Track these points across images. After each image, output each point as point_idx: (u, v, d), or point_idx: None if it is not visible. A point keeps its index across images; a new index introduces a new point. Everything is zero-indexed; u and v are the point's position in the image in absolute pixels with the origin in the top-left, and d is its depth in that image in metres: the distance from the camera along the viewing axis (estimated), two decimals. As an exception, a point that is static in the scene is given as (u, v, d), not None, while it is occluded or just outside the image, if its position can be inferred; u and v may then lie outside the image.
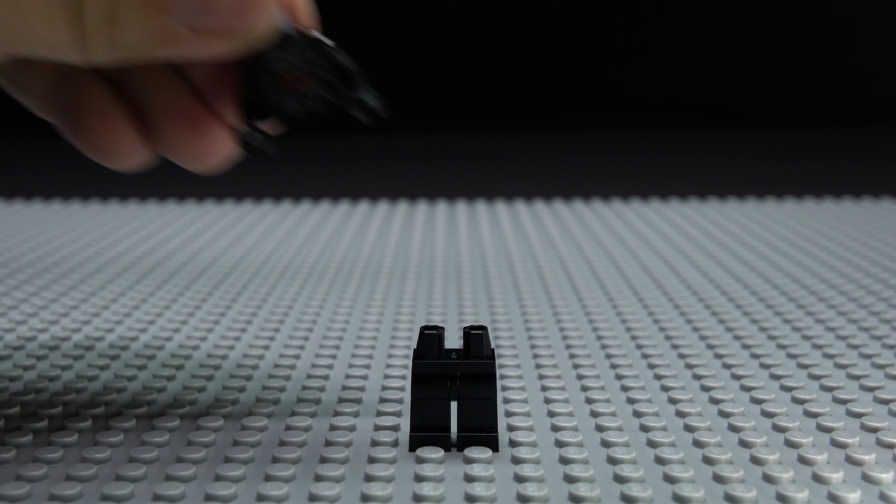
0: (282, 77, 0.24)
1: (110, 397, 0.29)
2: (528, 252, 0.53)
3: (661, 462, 0.25)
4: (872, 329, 0.38)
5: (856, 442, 0.26)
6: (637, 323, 0.38)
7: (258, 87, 0.24)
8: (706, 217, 0.63)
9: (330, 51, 0.24)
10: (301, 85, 0.24)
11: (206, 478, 0.24)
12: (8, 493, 0.23)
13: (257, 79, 0.24)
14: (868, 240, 0.56)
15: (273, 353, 0.34)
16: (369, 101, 0.25)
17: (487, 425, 0.26)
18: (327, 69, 0.24)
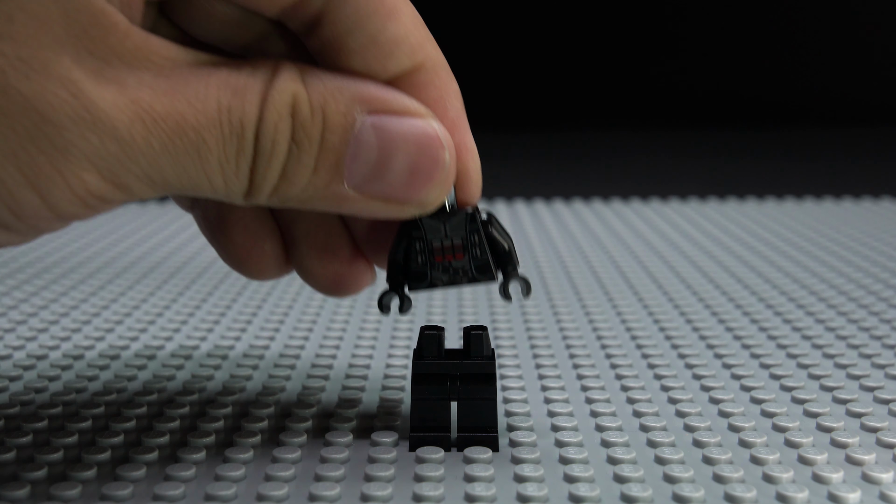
0: (434, 247, 0.24)
1: (110, 397, 0.29)
2: (529, 252, 0.52)
3: (661, 462, 0.25)
4: (872, 329, 0.38)
5: (856, 442, 0.26)
6: (637, 323, 0.38)
7: (408, 251, 0.25)
8: (706, 217, 0.63)
9: (489, 229, 0.25)
10: (451, 257, 0.24)
11: (206, 478, 0.24)
12: (8, 493, 0.23)
13: (409, 243, 0.24)
14: (868, 240, 0.56)
15: (273, 353, 0.34)
16: (515, 286, 0.25)
17: (487, 425, 0.26)
18: (481, 246, 0.24)
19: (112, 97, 0.19)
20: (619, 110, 1.22)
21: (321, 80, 0.22)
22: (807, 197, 0.71)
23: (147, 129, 0.19)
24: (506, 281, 0.25)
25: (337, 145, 0.22)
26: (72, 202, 0.19)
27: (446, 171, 0.23)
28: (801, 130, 1.15)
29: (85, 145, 0.19)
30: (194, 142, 0.20)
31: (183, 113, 0.20)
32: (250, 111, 0.21)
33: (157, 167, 0.20)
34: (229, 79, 0.21)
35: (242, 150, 0.21)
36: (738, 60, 1.24)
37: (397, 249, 0.25)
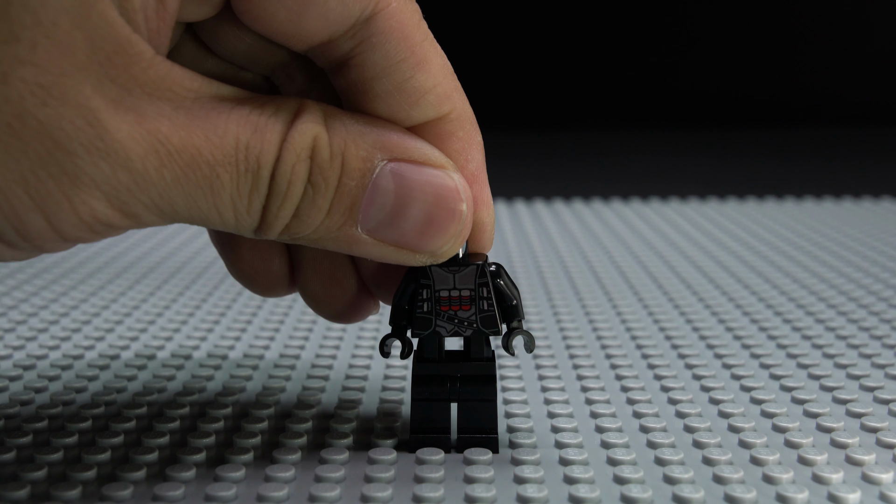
0: (441, 296, 0.24)
1: (110, 398, 0.29)
2: (528, 252, 0.52)
3: (661, 463, 0.25)
4: (872, 329, 0.38)
5: (856, 442, 0.26)
6: (637, 323, 0.38)
7: (414, 297, 0.25)
8: (706, 217, 0.63)
9: (497, 281, 0.25)
10: (458, 308, 0.25)
11: (205, 479, 0.24)
12: (7, 494, 0.23)
13: (416, 290, 0.25)
14: (868, 240, 0.56)
15: (273, 354, 0.34)
16: (519, 341, 0.25)
17: (487, 427, 0.26)
18: (489, 299, 0.25)
19: (128, 127, 0.19)
20: (620, 110, 1.22)
21: (343, 123, 0.22)
22: (807, 197, 0.71)
23: (161, 161, 0.20)
24: (510, 335, 0.25)
25: (353, 190, 0.22)
26: (77, 227, 0.20)
27: (462, 224, 0.23)
28: (801, 130, 1.15)
29: (96, 173, 0.19)
30: (208, 176, 0.20)
31: (199, 147, 0.20)
32: (269, 150, 0.21)
33: (167, 198, 0.20)
34: (251, 116, 0.21)
35: (257, 187, 0.21)
36: (739, 61, 1.24)
37: (403, 294, 0.25)
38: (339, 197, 0.22)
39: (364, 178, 0.22)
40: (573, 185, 0.79)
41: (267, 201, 0.21)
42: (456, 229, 0.23)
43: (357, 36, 0.22)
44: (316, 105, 0.22)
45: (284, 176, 0.21)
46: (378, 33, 0.22)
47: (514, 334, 0.25)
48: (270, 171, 0.21)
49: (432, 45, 0.23)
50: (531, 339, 0.25)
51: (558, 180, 0.86)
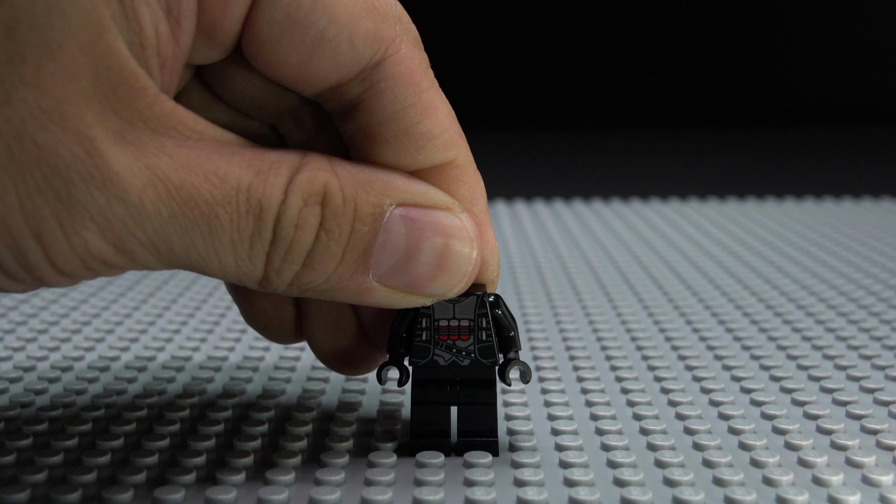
0: (440, 326, 0.25)
1: (110, 400, 0.29)
2: (528, 252, 0.52)
3: (660, 465, 0.25)
4: (872, 330, 0.38)
5: (856, 444, 0.26)
6: (637, 324, 0.38)
7: (413, 326, 0.25)
8: (706, 217, 0.63)
9: (496, 312, 0.25)
10: (456, 337, 0.25)
11: (205, 482, 0.24)
12: (8, 496, 0.23)
13: (415, 318, 0.25)
14: (868, 240, 0.56)
15: (272, 357, 0.34)
16: (515, 372, 0.26)
17: (487, 430, 0.26)
18: (487, 330, 0.25)
19: (128, 160, 0.19)
20: (619, 110, 1.22)
21: (350, 170, 0.22)
22: (807, 197, 0.71)
23: (158, 197, 0.19)
24: (507, 365, 0.25)
25: (366, 235, 0.22)
26: (71, 260, 0.19)
27: (472, 265, 0.23)
28: (801, 130, 1.15)
29: (90, 203, 0.19)
30: (206, 215, 0.20)
31: (198, 185, 0.20)
32: (273, 194, 0.21)
33: (163, 236, 0.20)
34: (254, 160, 0.21)
35: (259, 232, 0.21)
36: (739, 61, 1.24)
37: (401, 322, 0.25)
38: (352, 243, 0.22)
39: (376, 223, 0.22)
40: (573, 185, 0.79)
41: (271, 248, 0.21)
42: (466, 269, 0.23)
43: (366, 80, 0.22)
44: (320, 154, 0.22)
45: (291, 220, 0.21)
46: (387, 78, 0.22)
47: (511, 365, 0.25)
48: (275, 215, 0.21)
49: (437, 92, 0.23)
50: (528, 370, 0.26)
51: (558, 180, 0.86)
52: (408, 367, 0.26)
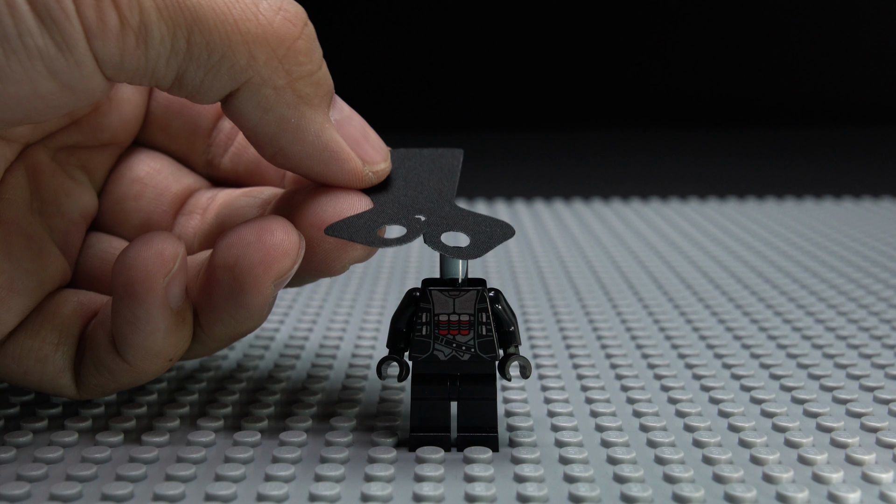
0: (440, 321, 0.25)
1: (110, 397, 0.29)
2: (529, 252, 0.52)
3: (661, 462, 0.25)
4: (872, 329, 0.38)
5: (856, 442, 0.26)
6: (637, 323, 0.38)
7: (413, 320, 0.25)
8: (706, 217, 0.63)
9: (496, 307, 0.25)
10: (457, 332, 0.25)
11: (206, 477, 0.24)
12: (8, 492, 0.23)
13: (415, 313, 0.25)
14: (868, 240, 0.56)
15: (273, 353, 0.34)
16: (515, 366, 0.26)
17: (487, 425, 0.26)
18: (487, 324, 0.25)
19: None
20: (619, 110, 1.22)
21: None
22: (807, 197, 0.71)
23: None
24: (507, 360, 0.26)
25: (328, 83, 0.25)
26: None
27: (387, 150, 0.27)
28: (801, 130, 1.15)
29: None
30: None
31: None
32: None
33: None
34: None
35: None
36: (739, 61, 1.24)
37: (401, 317, 0.25)
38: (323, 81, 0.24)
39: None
40: (573, 185, 0.79)
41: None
42: (383, 146, 0.26)
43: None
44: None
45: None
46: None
47: (512, 360, 0.26)
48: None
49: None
50: (528, 365, 0.26)
51: (558, 180, 0.86)
52: (408, 362, 0.26)
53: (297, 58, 0.23)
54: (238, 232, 0.25)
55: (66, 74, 0.21)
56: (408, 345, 0.25)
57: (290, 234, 0.24)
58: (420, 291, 0.25)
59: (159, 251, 0.24)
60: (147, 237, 0.24)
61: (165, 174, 0.30)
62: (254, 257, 0.24)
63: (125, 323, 0.24)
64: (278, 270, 0.24)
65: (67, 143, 0.28)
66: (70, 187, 0.28)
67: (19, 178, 0.26)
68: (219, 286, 0.25)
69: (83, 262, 0.29)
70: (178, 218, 0.30)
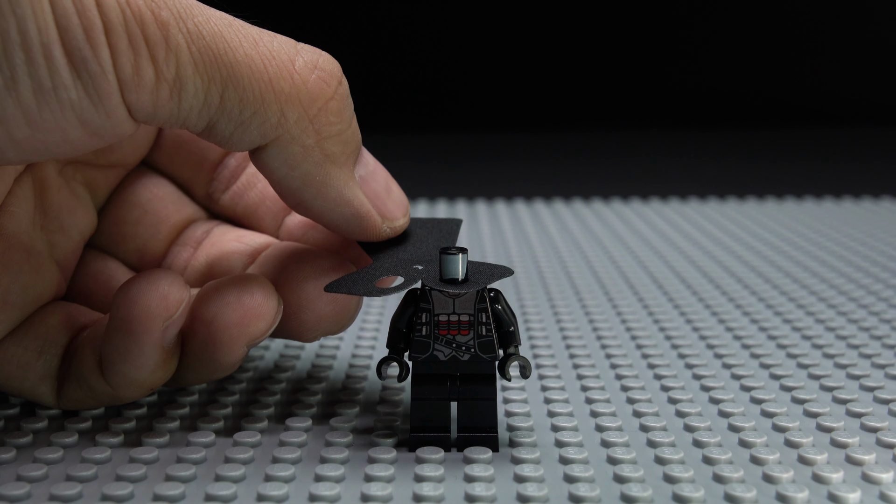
0: (440, 321, 0.25)
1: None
2: (528, 252, 0.53)
3: (661, 462, 0.25)
4: (872, 329, 0.38)
5: (856, 442, 0.26)
6: (637, 323, 0.38)
7: (413, 320, 0.25)
8: (706, 217, 0.63)
9: (496, 307, 0.25)
10: (456, 332, 0.25)
11: (206, 478, 0.24)
12: (8, 493, 0.23)
13: (415, 313, 0.25)
14: (868, 240, 0.56)
15: (273, 353, 0.34)
16: (515, 366, 0.26)
17: (487, 425, 0.26)
18: (487, 325, 0.25)
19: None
20: (619, 110, 1.22)
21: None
22: (807, 197, 0.71)
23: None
24: (507, 360, 0.26)
25: (357, 136, 0.26)
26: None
27: (406, 201, 0.27)
28: (801, 130, 1.15)
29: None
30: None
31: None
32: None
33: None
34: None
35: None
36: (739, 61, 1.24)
37: (401, 317, 0.25)
38: (350, 137, 0.25)
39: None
40: (573, 185, 0.79)
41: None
42: (404, 200, 0.27)
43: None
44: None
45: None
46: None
47: (511, 360, 0.26)
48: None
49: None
50: (528, 365, 0.26)
51: (558, 180, 0.86)
52: (407, 362, 0.26)
53: (328, 118, 0.23)
54: (219, 288, 0.25)
55: (96, 124, 0.21)
56: (408, 345, 0.25)
57: (269, 299, 0.25)
58: (420, 291, 0.25)
59: (164, 294, 0.24)
60: (154, 276, 0.24)
61: (166, 202, 0.30)
62: (230, 317, 0.25)
63: (116, 353, 0.24)
64: (253, 333, 0.25)
65: (75, 160, 0.28)
66: (73, 204, 0.28)
67: (26, 191, 0.26)
68: (194, 338, 0.25)
69: (76, 279, 0.29)
70: (172, 247, 0.30)
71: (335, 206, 0.25)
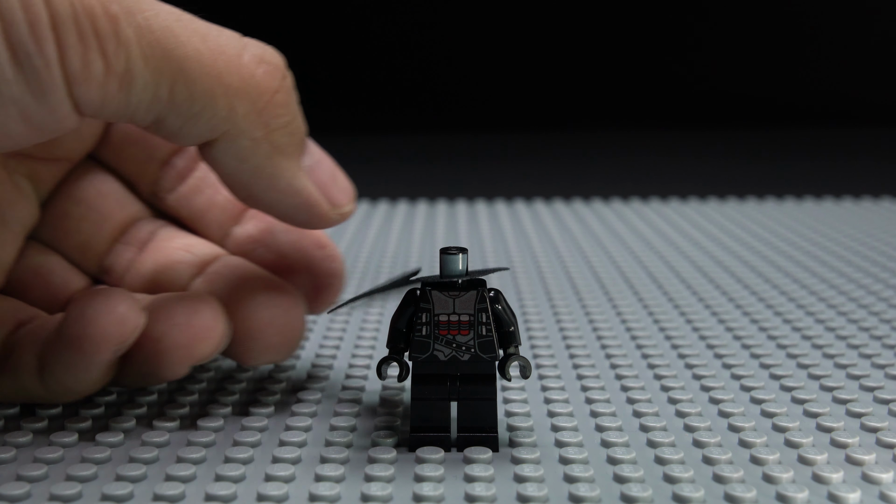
0: (440, 321, 0.25)
1: (110, 398, 0.29)
2: (528, 252, 0.53)
3: (661, 462, 0.25)
4: (872, 329, 0.38)
5: (856, 442, 0.26)
6: (637, 323, 0.38)
7: (413, 320, 0.25)
8: (706, 217, 0.63)
9: (496, 307, 0.25)
10: (457, 332, 0.25)
11: (206, 478, 0.24)
12: (8, 493, 0.23)
13: (415, 313, 0.25)
14: (868, 240, 0.56)
15: (273, 353, 0.34)
16: (515, 366, 0.26)
17: (487, 425, 0.26)
18: (487, 324, 0.25)
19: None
20: (619, 110, 1.22)
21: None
22: (807, 197, 0.71)
23: None
24: (507, 360, 0.26)
25: (302, 128, 0.25)
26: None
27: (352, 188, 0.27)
28: (801, 130, 1.15)
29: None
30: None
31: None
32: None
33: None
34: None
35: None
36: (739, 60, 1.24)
37: (401, 317, 0.25)
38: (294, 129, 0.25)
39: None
40: (573, 185, 0.79)
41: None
42: (349, 187, 0.27)
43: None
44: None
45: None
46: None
47: (511, 360, 0.26)
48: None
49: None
50: (528, 365, 0.26)
51: (558, 180, 0.86)
52: (408, 362, 0.26)
53: (275, 110, 0.24)
54: (169, 307, 0.25)
55: (38, 119, 0.21)
56: (408, 345, 0.25)
57: (219, 323, 0.25)
58: (420, 292, 0.25)
59: (122, 319, 0.24)
60: (113, 299, 0.24)
61: (111, 200, 0.30)
62: (178, 338, 0.25)
63: (61, 365, 0.24)
64: (198, 356, 0.25)
65: (19, 152, 0.28)
66: (14, 196, 0.28)
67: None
68: (139, 351, 0.25)
69: (15, 271, 0.29)
70: (115, 245, 0.30)
71: (285, 196, 0.25)
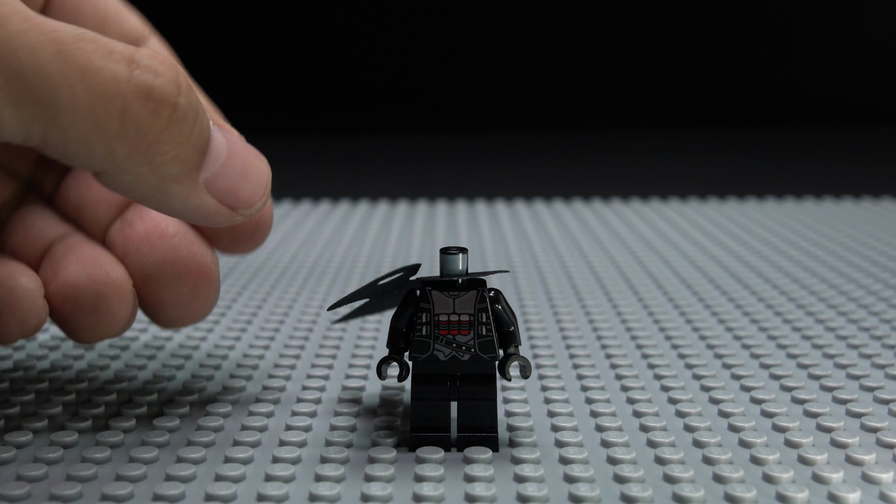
0: (440, 321, 0.25)
1: (110, 397, 0.29)
2: (528, 252, 0.53)
3: (661, 462, 0.25)
4: (872, 329, 0.38)
5: (856, 442, 0.26)
6: (637, 323, 0.38)
7: (413, 320, 0.25)
8: (706, 217, 0.63)
9: (496, 307, 0.25)
10: (457, 332, 0.25)
11: (206, 478, 0.24)
12: (8, 493, 0.23)
13: (415, 313, 0.25)
14: (868, 240, 0.56)
15: (273, 353, 0.34)
16: (515, 366, 0.26)
17: (487, 425, 0.26)
18: (487, 324, 0.25)
19: None
20: (619, 110, 1.22)
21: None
22: (807, 197, 0.71)
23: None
24: (507, 360, 0.26)
25: (205, 132, 0.23)
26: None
27: (268, 176, 0.25)
28: (801, 130, 1.15)
29: None
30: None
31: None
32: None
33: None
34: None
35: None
36: (738, 60, 1.24)
37: (401, 317, 0.26)
38: (194, 139, 0.23)
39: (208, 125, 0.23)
40: (573, 185, 0.79)
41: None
42: (265, 179, 0.25)
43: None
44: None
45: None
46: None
47: (511, 360, 0.26)
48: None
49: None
50: (528, 365, 0.26)
51: (558, 180, 0.86)
52: (408, 362, 0.26)
53: (160, 148, 0.22)
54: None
55: None
56: (408, 345, 0.25)
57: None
58: (420, 292, 0.25)
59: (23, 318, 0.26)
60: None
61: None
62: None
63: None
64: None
65: None
66: None
67: None
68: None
69: None
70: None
71: (180, 215, 0.24)
